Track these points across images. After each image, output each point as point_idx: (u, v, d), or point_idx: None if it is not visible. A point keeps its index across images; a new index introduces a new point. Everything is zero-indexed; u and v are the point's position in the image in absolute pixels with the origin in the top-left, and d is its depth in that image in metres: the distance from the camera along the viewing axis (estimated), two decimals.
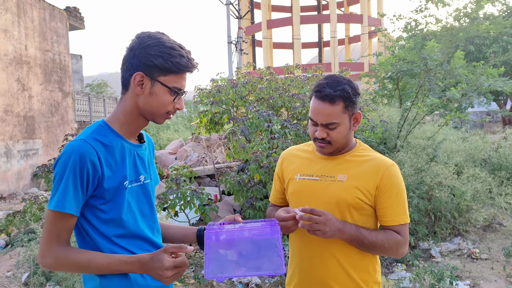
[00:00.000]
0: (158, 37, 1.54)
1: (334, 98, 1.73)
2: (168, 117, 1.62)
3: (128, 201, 1.55)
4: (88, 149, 1.45)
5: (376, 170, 1.80)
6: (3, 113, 10.56)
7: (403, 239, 1.80)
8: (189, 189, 5.34)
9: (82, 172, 1.43)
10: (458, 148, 6.74)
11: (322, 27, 35.58)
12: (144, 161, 1.66)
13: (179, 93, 1.56)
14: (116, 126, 1.58)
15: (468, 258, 5.30)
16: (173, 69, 1.51)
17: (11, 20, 10.84)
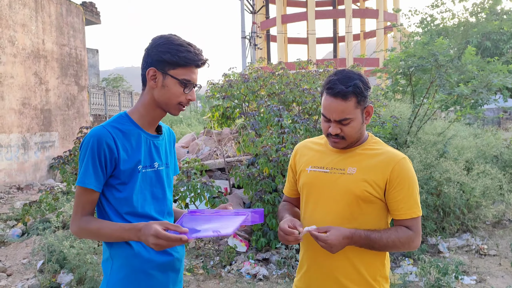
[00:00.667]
0: (168, 36, 1.75)
1: (347, 94, 1.74)
2: (181, 108, 1.80)
3: (140, 183, 1.74)
4: (105, 134, 1.67)
5: (386, 164, 1.80)
6: (20, 106, 10.80)
7: (415, 233, 1.80)
8: (199, 182, 5.43)
9: (100, 153, 1.65)
10: (469, 144, 6.71)
11: (338, 22, 35.29)
12: (160, 150, 1.84)
13: (188, 85, 1.72)
14: (136, 117, 1.78)
15: (476, 254, 5.30)
16: (181, 63, 1.69)
17: (29, 15, 11.05)
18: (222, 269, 4.99)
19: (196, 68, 1.75)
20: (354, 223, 1.80)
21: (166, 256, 1.78)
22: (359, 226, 1.80)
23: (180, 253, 1.85)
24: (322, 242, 1.70)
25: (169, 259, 1.79)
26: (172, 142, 2.00)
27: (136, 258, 1.71)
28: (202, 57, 1.75)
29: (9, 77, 10.37)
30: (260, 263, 5.13)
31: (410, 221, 1.81)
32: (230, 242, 5.48)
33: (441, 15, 16.36)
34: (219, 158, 7.33)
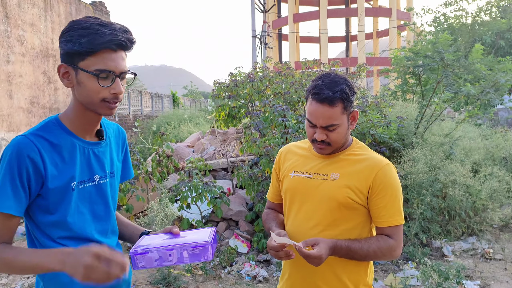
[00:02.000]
0: (74, 21, 1.40)
1: (334, 100, 1.69)
2: (110, 106, 1.43)
3: (77, 202, 1.46)
4: (28, 145, 1.34)
5: (370, 170, 1.76)
6: (29, 105, 10.90)
7: (396, 242, 1.75)
8: (201, 182, 5.40)
9: (20, 170, 1.33)
10: (478, 145, 6.58)
11: (350, 21, 35.05)
12: (102, 159, 1.55)
13: (104, 75, 1.37)
14: (67, 122, 1.46)
15: (482, 258, 5.19)
16: (85, 50, 1.34)
17: (38, 15, 11.15)
18: (222, 270, 4.95)
19: (113, 52, 1.37)
20: (336, 230, 1.76)
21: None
22: (341, 233, 1.76)
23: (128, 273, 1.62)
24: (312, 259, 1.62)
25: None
26: (122, 143, 1.69)
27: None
28: (117, 36, 1.36)
29: (18, 76, 10.47)
30: (261, 265, 5.08)
31: (391, 229, 1.76)
32: (231, 243, 5.44)
33: (455, 13, 16.17)
34: (222, 158, 7.29)
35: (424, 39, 14.38)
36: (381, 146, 5.85)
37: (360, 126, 5.90)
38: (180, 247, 1.46)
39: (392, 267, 4.92)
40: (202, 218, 5.74)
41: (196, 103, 29.32)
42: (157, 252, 1.45)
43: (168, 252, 1.46)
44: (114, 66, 1.37)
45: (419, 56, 6.59)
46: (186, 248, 1.46)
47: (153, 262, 1.45)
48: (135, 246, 1.50)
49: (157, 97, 22.02)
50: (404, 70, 8.95)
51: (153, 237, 1.60)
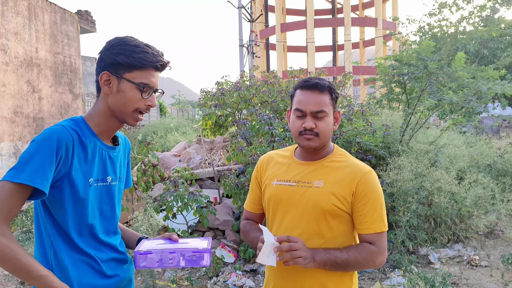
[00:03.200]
0: (122, 37, 1.59)
1: (324, 87, 1.76)
2: (138, 117, 1.62)
3: (91, 199, 1.57)
4: (67, 135, 1.48)
5: (353, 177, 1.76)
6: (12, 114, 10.74)
7: (378, 249, 1.74)
8: (187, 192, 5.35)
9: (58, 155, 1.44)
10: (462, 153, 6.63)
11: (337, 31, 35.41)
12: (115, 163, 1.69)
13: (146, 89, 1.57)
14: (92, 124, 1.60)
15: (468, 265, 5.20)
16: (136, 65, 1.54)
17: (22, 23, 11.03)
18: (208, 281, 4.89)
19: (155, 71, 1.60)
20: (321, 239, 1.75)
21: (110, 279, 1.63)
22: (326, 242, 1.74)
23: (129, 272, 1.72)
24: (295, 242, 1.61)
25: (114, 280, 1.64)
26: (128, 153, 1.84)
27: None
28: (161, 59, 1.60)
29: (1, 85, 10.32)
30: (247, 274, 5.03)
31: (374, 236, 1.75)
32: (217, 253, 5.39)
33: (439, 23, 16.40)
34: (209, 167, 7.25)
35: (409, 48, 14.55)
36: (367, 154, 5.86)
37: (346, 134, 5.92)
38: (181, 251, 1.57)
39: (379, 275, 4.91)
40: (188, 228, 5.68)
41: (183, 112, 29.24)
42: (159, 253, 1.56)
43: (170, 255, 1.57)
44: (154, 83, 1.60)
45: (403, 64, 6.65)
46: (186, 252, 1.58)
47: (155, 263, 1.56)
48: (138, 247, 1.62)
49: None
50: (389, 79, 9.03)
51: (154, 241, 1.70)
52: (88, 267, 1.55)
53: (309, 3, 29.69)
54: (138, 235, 1.85)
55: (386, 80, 9.62)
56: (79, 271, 1.53)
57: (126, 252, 1.74)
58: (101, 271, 1.58)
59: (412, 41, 15.43)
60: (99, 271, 1.58)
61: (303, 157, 1.87)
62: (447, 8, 16.41)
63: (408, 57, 6.69)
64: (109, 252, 1.63)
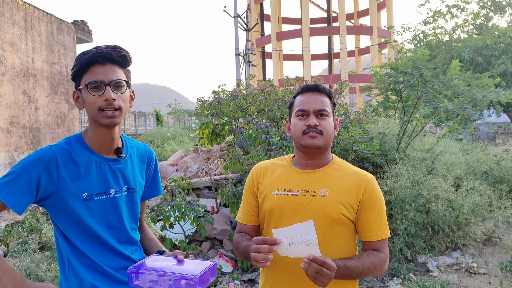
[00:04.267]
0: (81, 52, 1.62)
1: (323, 89, 1.82)
2: (106, 114, 1.56)
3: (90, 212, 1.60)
4: (49, 156, 1.53)
5: (358, 184, 1.75)
6: (8, 125, 10.72)
7: (385, 256, 1.75)
8: (184, 201, 5.32)
9: (35, 176, 1.50)
10: (459, 160, 6.64)
11: (332, 39, 35.60)
12: (118, 175, 1.68)
13: (94, 85, 1.54)
14: (86, 139, 1.64)
15: (466, 272, 5.19)
16: (79, 70, 1.55)
17: (18, 34, 11.05)
18: None
19: (102, 66, 1.54)
20: (329, 249, 1.70)
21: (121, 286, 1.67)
22: (334, 252, 1.70)
23: None
24: (328, 270, 1.52)
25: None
26: (148, 162, 1.83)
27: None
28: (102, 50, 1.54)
29: None
30: (245, 284, 5.01)
31: (380, 243, 1.76)
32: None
33: (434, 31, 16.53)
34: (206, 176, 7.23)
35: (404, 56, 14.64)
36: (364, 162, 5.87)
37: (342, 143, 5.92)
38: (169, 276, 1.53)
39: (378, 284, 4.89)
40: (185, 237, 5.65)
41: (180, 121, 29.23)
42: (149, 275, 1.53)
43: (159, 277, 1.53)
44: (103, 77, 1.54)
45: (399, 72, 6.69)
46: (174, 277, 1.53)
47: (147, 283, 1.53)
48: (136, 264, 1.60)
49: (140, 116, 21.91)
50: (385, 87, 9.07)
51: (160, 258, 1.67)
52: (98, 273, 1.61)
53: (304, 12, 29.89)
54: (159, 246, 1.85)
55: (382, 88, 9.66)
56: (92, 276, 1.59)
57: None
58: (114, 276, 1.63)
59: (407, 49, 15.53)
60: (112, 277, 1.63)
61: (303, 165, 1.84)
62: (442, 17, 16.55)
63: (404, 65, 6.73)
64: (121, 260, 1.67)
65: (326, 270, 1.51)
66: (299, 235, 1.55)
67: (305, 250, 1.54)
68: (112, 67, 1.56)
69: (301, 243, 1.55)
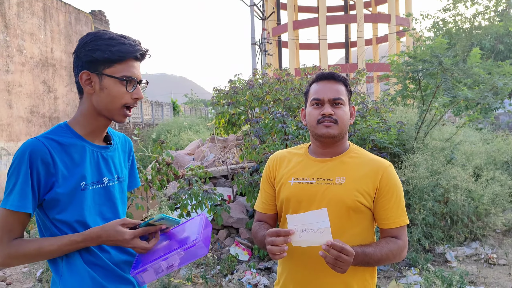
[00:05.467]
0: (95, 32, 1.52)
1: (339, 77, 1.80)
2: (127, 113, 1.55)
3: (87, 202, 1.52)
4: (40, 148, 1.43)
5: (375, 172, 1.75)
6: (29, 114, 10.89)
7: (404, 242, 1.74)
8: (201, 190, 5.36)
9: (32, 171, 1.41)
10: (479, 150, 6.54)
11: (349, 27, 35.14)
12: (110, 163, 1.61)
13: (130, 81, 1.50)
14: (77, 128, 1.54)
15: (485, 263, 5.13)
16: (115, 58, 1.47)
17: (37, 24, 11.17)
18: (223, 279, 4.90)
19: (136, 62, 1.52)
20: (344, 236, 1.70)
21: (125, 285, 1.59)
22: (349, 239, 1.69)
23: None
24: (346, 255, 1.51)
25: None
26: (128, 151, 1.76)
27: None
28: (140, 47, 1.53)
29: (17, 85, 10.47)
30: (262, 273, 5.03)
31: (398, 230, 1.75)
32: (232, 251, 5.40)
33: (454, 18, 16.18)
34: (222, 165, 7.26)
35: (423, 44, 14.39)
36: (381, 151, 5.82)
37: (360, 132, 5.87)
38: (172, 255, 1.47)
39: (395, 274, 4.87)
40: None
41: (196, 110, 29.34)
42: (153, 267, 1.47)
43: (164, 262, 1.47)
44: (137, 74, 1.52)
45: (417, 60, 6.57)
46: (178, 253, 1.47)
47: (155, 275, 1.49)
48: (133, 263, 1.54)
49: (157, 105, 22.04)
50: (403, 76, 8.94)
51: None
52: (100, 268, 1.53)
53: (321, 0, 29.53)
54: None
55: (400, 77, 9.52)
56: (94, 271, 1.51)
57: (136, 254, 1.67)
58: (115, 271, 1.55)
59: (426, 37, 15.25)
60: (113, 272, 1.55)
61: (319, 154, 1.84)
62: (462, 3, 16.18)
63: (422, 53, 6.60)
64: (119, 254, 1.59)
65: (344, 256, 1.51)
66: (312, 223, 1.54)
67: (318, 238, 1.54)
68: (139, 64, 1.56)
69: (313, 230, 1.54)
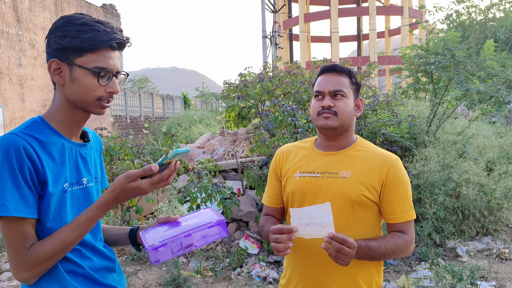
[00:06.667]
0: (68, 16, 1.34)
1: (342, 69, 1.78)
2: (104, 105, 1.39)
3: (70, 205, 1.38)
4: (22, 143, 1.24)
5: (381, 166, 1.73)
6: (41, 108, 11.00)
7: (410, 237, 1.73)
8: (211, 183, 5.37)
9: (21, 167, 1.23)
10: (492, 143, 6.45)
11: (361, 20, 34.82)
12: (88, 162, 1.48)
13: (103, 73, 1.34)
14: (53, 123, 1.38)
15: (497, 258, 5.08)
16: (86, 46, 1.30)
17: (49, 18, 11.24)
18: (232, 272, 4.92)
19: (112, 51, 1.35)
20: (349, 231, 1.68)
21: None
22: (354, 233, 1.68)
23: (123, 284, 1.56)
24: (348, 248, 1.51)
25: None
26: (100, 150, 1.61)
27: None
28: (117, 35, 1.34)
29: (30, 79, 10.56)
30: (271, 266, 5.04)
31: (405, 225, 1.73)
32: (241, 244, 5.41)
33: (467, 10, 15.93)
34: (232, 158, 7.26)
35: (436, 36, 14.20)
36: (392, 145, 5.77)
37: (371, 125, 5.83)
38: (196, 231, 1.40)
39: (405, 268, 4.84)
40: None
41: (207, 104, 29.38)
42: (175, 242, 1.38)
43: (186, 238, 1.39)
44: (113, 65, 1.35)
45: (430, 53, 6.48)
46: (201, 231, 1.40)
47: (171, 254, 1.39)
48: (145, 241, 1.44)
49: (168, 99, 22.11)
50: (415, 69, 8.83)
51: (155, 230, 1.50)
52: (81, 277, 1.39)
53: None
54: (125, 229, 1.64)
55: (412, 70, 9.41)
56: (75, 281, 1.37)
57: (116, 259, 1.55)
58: (96, 280, 1.43)
59: (440, 30, 15.04)
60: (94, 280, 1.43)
61: (325, 147, 1.83)
62: None
63: (435, 46, 6.51)
64: (100, 260, 1.47)
65: (346, 248, 1.50)
66: (315, 217, 1.54)
67: (320, 232, 1.54)
68: (117, 53, 1.38)
69: (316, 224, 1.54)
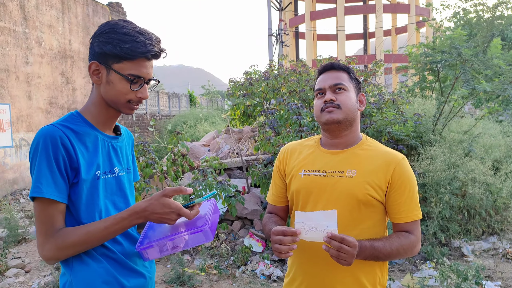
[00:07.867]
0: (113, 23, 1.48)
1: (339, 66, 1.81)
2: (133, 107, 1.54)
3: (103, 192, 1.51)
4: (59, 133, 1.40)
5: (387, 165, 1.70)
6: (48, 105, 11.05)
7: (416, 238, 1.71)
8: (215, 181, 5.38)
9: (56, 156, 1.38)
10: (498, 142, 6.40)
11: (368, 18, 34.67)
12: (119, 154, 1.61)
13: (136, 80, 1.48)
14: (89, 116, 1.53)
15: (503, 258, 5.05)
16: (125, 55, 1.43)
17: (55, 16, 11.29)
18: (236, 269, 4.93)
19: (147, 61, 1.48)
20: (355, 230, 1.68)
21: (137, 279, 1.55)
22: (360, 233, 1.67)
23: (152, 272, 1.65)
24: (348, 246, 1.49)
25: (140, 281, 1.57)
26: (132, 145, 1.75)
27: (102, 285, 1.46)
28: (154, 47, 1.47)
29: (36, 77, 10.62)
30: (275, 264, 5.04)
31: (411, 225, 1.71)
32: (246, 242, 5.42)
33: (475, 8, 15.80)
34: (237, 156, 7.27)
35: (443, 34, 14.10)
36: (398, 143, 5.74)
37: (376, 124, 5.80)
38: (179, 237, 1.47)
39: (410, 267, 4.83)
40: None
41: (213, 102, 29.40)
42: (159, 245, 1.47)
43: (170, 242, 1.47)
44: (146, 73, 1.48)
45: (436, 51, 6.44)
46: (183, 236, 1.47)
47: (159, 253, 1.49)
48: (140, 238, 1.53)
49: (174, 97, 22.15)
50: (422, 67, 8.78)
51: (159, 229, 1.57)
52: (113, 261, 1.50)
53: None
54: None
55: (419, 68, 9.36)
56: (108, 264, 1.47)
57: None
58: (128, 264, 1.53)
59: (447, 28, 14.94)
60: (126, 265, 1.52)
61: (330, 146, 1.81)
62: None
63: (441, 44, 6.46)
64: (131, 246, 1.57)
65: (346, 247, 1.49)
66: (320, 222, 1.53)
67: (323, 237, 1.52)
68: (152, 62, 1.52)
69: (320, 230, 1.53)
